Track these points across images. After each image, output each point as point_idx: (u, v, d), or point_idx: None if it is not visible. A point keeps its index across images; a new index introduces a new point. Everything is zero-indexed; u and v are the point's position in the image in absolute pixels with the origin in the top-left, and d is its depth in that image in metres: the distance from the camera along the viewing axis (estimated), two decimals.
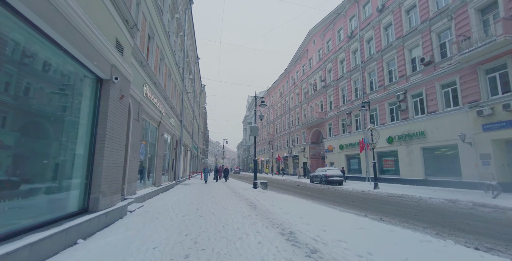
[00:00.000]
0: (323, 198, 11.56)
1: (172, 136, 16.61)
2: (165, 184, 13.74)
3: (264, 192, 11.99)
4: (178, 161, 18.93)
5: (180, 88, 19.22)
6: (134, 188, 8.35)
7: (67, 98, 4.54)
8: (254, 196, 10.42)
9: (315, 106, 32.40)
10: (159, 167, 12.31)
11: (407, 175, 18.01)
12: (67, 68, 4.46)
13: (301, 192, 14.13)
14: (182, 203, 8.50)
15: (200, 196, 10.55)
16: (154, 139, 11.96)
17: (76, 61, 4.46)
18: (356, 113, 24.38)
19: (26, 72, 3.58)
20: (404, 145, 18.41)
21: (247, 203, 8.56)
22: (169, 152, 16.26)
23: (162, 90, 12.37)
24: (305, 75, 36.09)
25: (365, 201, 10.47)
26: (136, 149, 8.50)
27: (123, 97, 6.02)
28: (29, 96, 3.70)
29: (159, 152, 12.12)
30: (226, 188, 14.73)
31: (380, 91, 21.17)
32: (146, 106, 9.58)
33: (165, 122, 13.43)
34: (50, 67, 4.09)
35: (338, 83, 27.50)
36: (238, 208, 7.41)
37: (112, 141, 5.47)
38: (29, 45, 3.51)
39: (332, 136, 28.05)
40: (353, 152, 24.50)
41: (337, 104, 27.49)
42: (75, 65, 4.55)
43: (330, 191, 14.99)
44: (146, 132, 10.62)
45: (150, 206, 7.74)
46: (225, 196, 10.56)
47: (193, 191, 12.78)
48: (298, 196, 11.94)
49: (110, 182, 5.45)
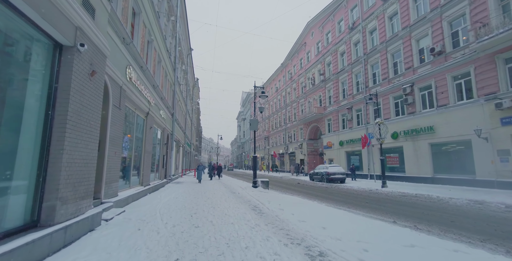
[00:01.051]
0: (332, 198, 10.40)
1: (162, 130, 15.18)
2: (154, 183, 12.35)
3: (266, 192, 10.75)
4: (169, 157, 17.51)
5: (172, 78, 17.72)
6: (115, 189, 6.99)
7: (6, 69, 3.15)
8: (256, 197, 9.17)
9: (313, 101, 31.26)
10: (147, 164, 10.92)
11: (414, 173, 17.05)
12: (8, 27, 3.07)
13: (305, 192, 12.95)
14: (173, 206, 7.18)
15: (194, 198, 9.24)
16: (141, 132, 10.55)
17: (20, 16, 3.07)
18: (357, 108, 23.32)
19: None
20: (411, 141, 17.43)
21: (250, 206, 7.30)
22: (160, 148, 14.84)
23: (151, 77, 10.93)
24: (302, 69, 34.87)
25: (380, 202, 9.35)
26: (117, 143, 7.11)
27: (95, 73, 4.63)
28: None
29: (147, 147, 10.72)
30: (222, 187, 13.43)
31: (384, 85, 20.11)
32: (130, 93, 8.17)
33: (154, 114, 12.01)
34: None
35: (338, 77, 26.37)
36: (241, 213, 6.14)
37: (77, 130, 4.10)
38: None
39: (332, 132, 26.98)
40: (354, 148, 23.49)
41: (337, 99, 26.39)
42: (19, 22, 3.16)
43: (335, 190, 13.86)
44: (131, 124, 9.21)
45: (134, 211, 6.39)
46: (223, 197, 9.28)
47: (186, 191, 11.45)
48: (304, 196, 10.75)
49: (75, 184, 4.10)
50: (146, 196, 9.57)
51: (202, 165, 18.91)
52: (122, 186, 8.17)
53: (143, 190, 9.59)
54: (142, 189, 9.54)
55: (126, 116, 8.57)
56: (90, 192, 4.72)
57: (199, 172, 17.82)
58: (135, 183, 9.74)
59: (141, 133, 10.51)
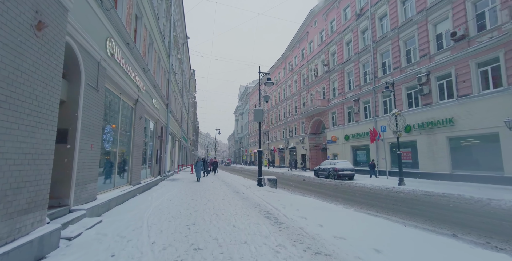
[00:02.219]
0: (352, 199, 9.04)
1: (156, 122, 13.65)
2: (146, 181, 10.90)
3: (275, 192, 9.35)
4: (164, 152, 16.02)
5: (166, 65, 16.10)
6: (92, 192, 5.52)
7: None
8: (265, 198, 7.76)
9: (316, 94, 29.81)
10: (137, 160, 9.43)
11: (429, 169, 15.80)
12: None
13: (317, 190, 11.60)
14: (166, 213, 5.74)
15: (191, 200, 7.80)
16: (130, 123, 9.03)
17: None
18: (365, 100, 21.93)
19: None
20: (425, 134, 16.13)
21: (262, 212, 5.88)
22: (153, 141, 13.34)
23: (140, 58, 9.37)
24: (304, 60, 33.29)
25: (408, 203, 8.01)
26: (95, 133, 5.61)
27: (43, 26, 3.12)
28: None
29: (136, 140, 9.22)
30: (223, 186, 12.01)
31: (395, 74, 18.69)
32: (113, 73, 6.63)
33: (145, 103, 10.48)
34: None
35: (344, 68, 24.90)
36: (253, 224, 4.73)
37: (10, 107, 2.62)
38: None
39: (336, 126, 25.62)
40: (361, 143, 22.19)
41: (342, 91, 24.97)
42: None
43: (349, 189, 12.53)
44: (115, 112, 7.69)
45: (115, 220, 4.95)
46: (226, 199, 7.85)
47: (182, 191, 10.01)
48: (319, 197, 9.39)
49: (7, 191, 2.63)
50: (135, 198, 8.11)
51: (200, 160, 15.68)
52: (103, 186, 6.70)
53: (131, 190, 8.13)
54: (130, 189, 8.08)
55: (108, 101, 7.06)
56: (42, 201, 3.25)
57: (198, 168, 14.92)
58: (122, 182, 8.27)
59: (129, 124, 8.99)
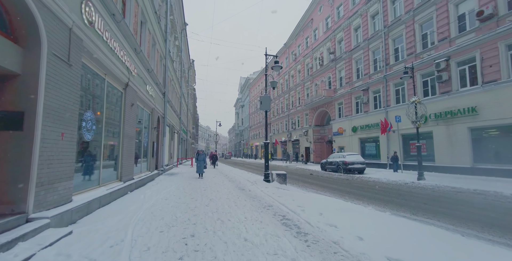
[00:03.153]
0: (373, 197, 7.93)
1: (151, 111, 12.44)
2: (140, 176, 9.79)
3: (286, 189, 8.21)
4: (161, 144, 14.87)
5: (162, 50, 14.77)
6: (64, 192, 4.38)
7: None
8: (277, 198, 6.63)
9: (321, 84, 28.47)
10: (129, 153, 8.28)
11: (446, 162, 14.68)
12: None
13: (329, 186, 10.50)
14: (158, 218, 4.61)
15: (190, 199, 6.68)
16: (119, 110, 7.84)
17: None
18: (375, 89, 20.64)
19: None
20: (443, 125, 14.95)
21: (277, 217, 4.75)
22: (148, 133, 12.17)
23: (131, 36, 8.09)
24: (309, 49, 31.77)
25: (443, 203, 6.90)
26: (67, 120, 4.43)
27: None
28: None
29: (127, 130, 8.04)
30: (226, 181, 10.91)
31: (409, 61, 17.34)
32: (93, 46, 5.39)
33: (138, 88, 9.26)
34: None
35: (352, 55, 23.50)
36: (272, 237, 3.59)
37: None
38: None
39: (343, 117, 24.40)
40: (370, 135, 21.03)
41: (350, 80, 23.63)
42: None
43: (364, 184, 11.43)
44: (99, 97, 6.48)
45: (90, 230, 3.82)
46: (231, 198, 6.72)
47: (181, 188, 8.89)
48: (336, 194, 8.28)
49: None
50: (125, 197, 6.99)
51: (203, 153, 13.01)
52: (84, 184, 5.56)
53: (121, 188, 7.00)
54: (119, 187, 6.95)
55: (89, 82, 5.84)
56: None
57: (200, 162, 12.48)
58: (111, 179, 7.13)
59: (118, 111, 7.80)
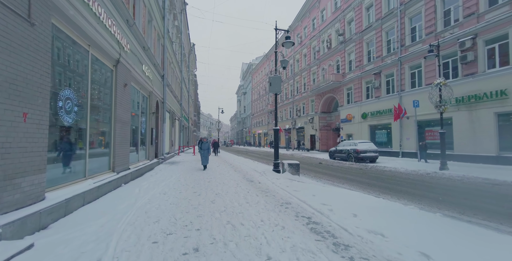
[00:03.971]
0: (400, 190, 6.98)
1: (149, 95, 11.37)
2: (138, 166, 8.88)
3: (300, 181, 7.26)
4: (161, 131, 13.91)
5: (160, 28, 13.48)
6: (32, 189, 3.43)
7: None
8: (293, 192, 5.68)
9: (329, 68, 27.05)
10: (122, 140, 7.31)
11: (467, 150, 13.68)
12: None
13: (344, 176, 9.58)
14: (152, 222, 3.67)
15: (193, 194, 5.75)
16: (109, 91, 6.79)
17: None
18: (388, 73, 19.31)
19: None
20: (465, 110, 13.83)
21: (301, 221, 3.79)
22: (146, 118, 11.17)
23: (121, 5, 6.89)
24: (315, 31, 30.05)
25: (487, 199, 5.95)
26: (31, 96, 3.41)
27: None
28: None
29: (119, 114, 7.02)
30: (231, 171, 10.00)
31: (427, 41, 15.95)
32: (68, 7, 4.27)
33: (132, 67, 8.15)
34: None
35: (363, 37, 21.97)
36: (304, 254, 2.65)
37: None
38: None
39: (352, 103, 23.19)
40: (381, 122, 19.92)
41: (360, 63, 22.23)
42: None
43: (381, 174, 10.49)
44: (81, 74, 5.41)
45: (59, 242, 2.90)
46: (240, 193, 5.78)
47: (182, 179, 7.98)
48: (356, 187, 7.34)
49: None
50: (118, 190, 6.07)
51: (207, 141, 11.15)
52: (64, 178, 4.61)
53: (112, 180, 6.08)
54: (111, 178, 6.02)
55: (67, 51, 4.76)
56: None
57: (204, 152, 10.59)
58: (101, 169, 6.20)
59: (108, 92, 6.75)
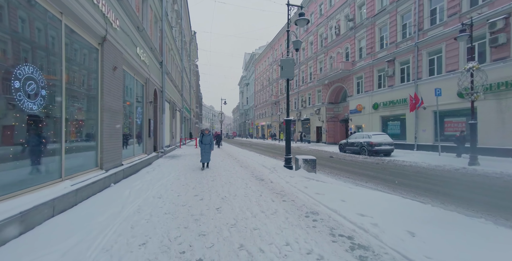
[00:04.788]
0: (436, 190, 5.94)
1: (145, 82, 10.29)
2: (132, 161, 7.90)
3: (318, 180, 6.23)
4: (160, 122, 12.91)
5: (158, 9, 12.24)
6: None
7: None
8: (317, 196, 4.64)
9: (338, 56, 25.64)
10: (112, 132, 6.29)
11: (493, 143, 12.54)
12: None
13: (363, 173, 8.56)
14: (137, 247, 2.68)
15: (193, 198, 4.75)
16: (94, 74, 5.72)
17: None
18: (403, 60, 17.98)
19: None
20: (493, 99, 12.61)
21: (342, 243, 2.78)
22: (143, 108, 10.13)
23: None
24: (323, 17, 28.45)
25: None
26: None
27: None
28: None
29: (107, 102, 5.98)
30: (237, 166, 9.02)
31: (449, 24, 14.59)
32: None
33: (123, 48, 7.05)
34: None
35: (375, 21, 20.50)
36: None
37: None
38: None
39: (363, 93, 21.93)
40: (394, 112, 18.73)
41: (372, 50, 20.84)
42: None
43: (403, 170, 9.45)
44: (53, 54, 4.33)
45: None
46: (253, 198, 4.76)
47: (182, 176, 7.01)
48: (383, 187, 6.32)
49: None
50: (104, 192, 5.10)
51: (209, 133, 8.86)
52: (29, 181, 3.61)
53: (99, 180, 5.10)
54: (97, 178, 5.04)
55: (20, 14, 3.68)
56: None
57: (205, 147, 8.48)
58: (84, 167, 5.21)
59: (93, 75, 5.69)
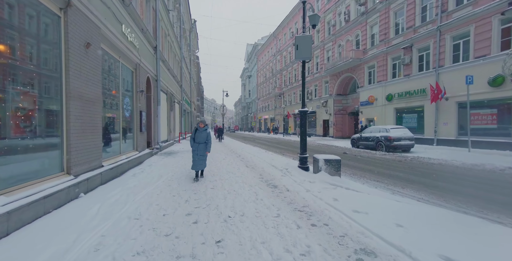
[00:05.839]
0: (500, 200, 4.58)
1: (135, 68, 8.87)
2: (118, 160, 6.58)
3: (350, 189, 4.83)
4: (155, 115, 11.56)
5: None
6: None
7: None
8: (360, 218, 3.28)
9: (347, 44, 23.95)
10: (84, 126, 4.93)
11: None
12: None
13: (394, 175, 7.20)
14: None
15: (184, 220, 3.39)
16: (55, 50, 4.33)
17: None
18: (422, 46, 16.36)
19: None
20: None
21: None
22: (133, 98, 8.76)
23: None
24: (331, 3, 26.57)
25: None
26: None
27: None
28: None
29: (75, 87, 4.60)
30: (242, 166, 7.69)
31: (480, 3, 12.94)
32: None
33: (102, 22, 5.60)
34: None
35: (389, 5, 18.75)
36: None
37: None
38: None
39: (375, 83, 20.36)
40: (411, 104, 17.23)
41: (386, 37, 19.17)
42: None
43: (433, 169, 8.07)
44: None
45: None
46: (266, 218, 3.41)
47: (174, 182, 5.68)
48: (427, 194, 4.96)
49: None
50: (65, 208, 3.76)
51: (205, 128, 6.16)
52: None
53: (59, 191, 3.78)
54: (56, 188, 3.73)
55: None
56: None
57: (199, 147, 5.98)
58: (40, 174, 3.87)
59: (57, 54, 4.31)
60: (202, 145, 5.99)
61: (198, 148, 5.98)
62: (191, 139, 6.15)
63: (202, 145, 6.00)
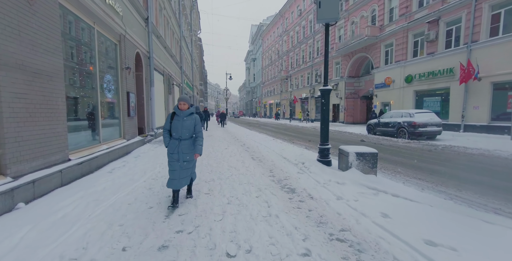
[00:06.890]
0: None
1: (119, 40, 7.38)
2: (95, 152, 5.29)
3: (397, 196, 3.50)
4: (149, 98, 10.19)
5: None
6: None
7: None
8: (437, 258, 1.96)
9: (362, 21, 21.79)
10: (28, 109, 3.59)
11: None
12: None
13: (435, 169, 5.82)
14: None
15: (155, 255, 2.08)
16: None
17: None
18: (450, 20, 14.37)
19: None
20: None
21: None
22: (118, 76, 7.35)
23: None
24: None
25: None
26: None
27: None
28: None
29: (7, 52, 3.20)
30: (247, 158, 6.39)
31: None
32: None
33: None
34: None
35: None
36: None
37: None
38: None
39: (393, 63, 18.48)
40: (434, 86, 15.49)
41: (407, 11, 17.07)
42: None
43: (475, 160, 6.64)
44: None
45: None
46: (291, 257, 2.12)
47: (158, 183, 4.39)
48: (502, 202, 3.59)
49: None
50: None
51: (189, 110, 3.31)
52: None
53: None
54: None
55: None
56: None
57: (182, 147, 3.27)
58: None
59: None
60: (185, 143, 3.30)
61: (179, 148, 3.28)
62: (164, 131, 3.41)
63: (185, 142, 3.30)
